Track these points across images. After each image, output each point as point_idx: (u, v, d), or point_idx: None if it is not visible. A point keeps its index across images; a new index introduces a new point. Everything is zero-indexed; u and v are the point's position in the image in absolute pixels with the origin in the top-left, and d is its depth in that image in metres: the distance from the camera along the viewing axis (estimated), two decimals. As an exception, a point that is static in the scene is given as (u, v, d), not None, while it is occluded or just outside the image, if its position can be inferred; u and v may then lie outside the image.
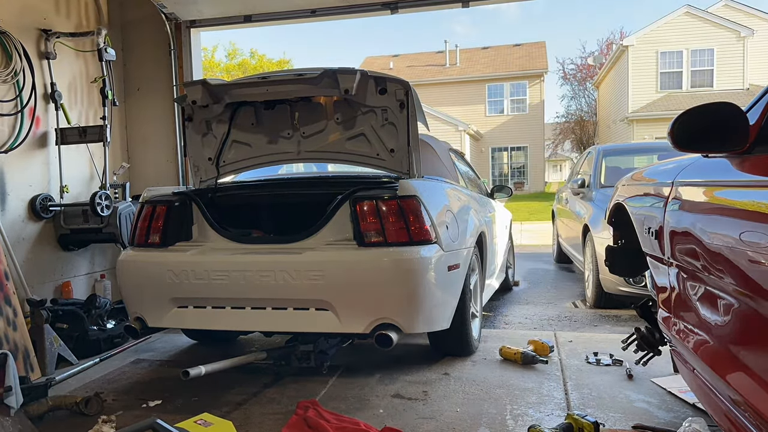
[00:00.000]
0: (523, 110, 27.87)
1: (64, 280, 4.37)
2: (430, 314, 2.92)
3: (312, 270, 2.84)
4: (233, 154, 3.61)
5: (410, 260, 2.79)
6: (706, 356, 1.74)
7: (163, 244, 3.18)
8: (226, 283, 2.94)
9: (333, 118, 3.38)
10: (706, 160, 1.92)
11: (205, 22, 5.19)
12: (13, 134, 3.98)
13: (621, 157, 6.94)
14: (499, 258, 5.00)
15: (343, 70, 3.00)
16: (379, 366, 3.29)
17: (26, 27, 4.13)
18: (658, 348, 2.66)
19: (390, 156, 3.27)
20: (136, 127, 5.17)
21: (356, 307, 2.82)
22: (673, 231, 1.98)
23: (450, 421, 2.51)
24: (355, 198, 2.93)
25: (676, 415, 2.50)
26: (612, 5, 58.42)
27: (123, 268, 3.19)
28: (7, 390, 2.35)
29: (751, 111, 1.70)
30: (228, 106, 3.40)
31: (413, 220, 2.86)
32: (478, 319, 3.76)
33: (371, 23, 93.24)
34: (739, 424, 1.48)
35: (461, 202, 3.59)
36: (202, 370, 2.64)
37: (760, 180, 1.49)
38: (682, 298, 1.99)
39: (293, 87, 3.12)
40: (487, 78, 27.98)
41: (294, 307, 2.91)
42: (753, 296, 1.40)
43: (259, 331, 3.49)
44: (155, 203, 3.23)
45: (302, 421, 2.46)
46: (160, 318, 3.10)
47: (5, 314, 3.15)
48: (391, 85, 3.09)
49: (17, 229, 3.99)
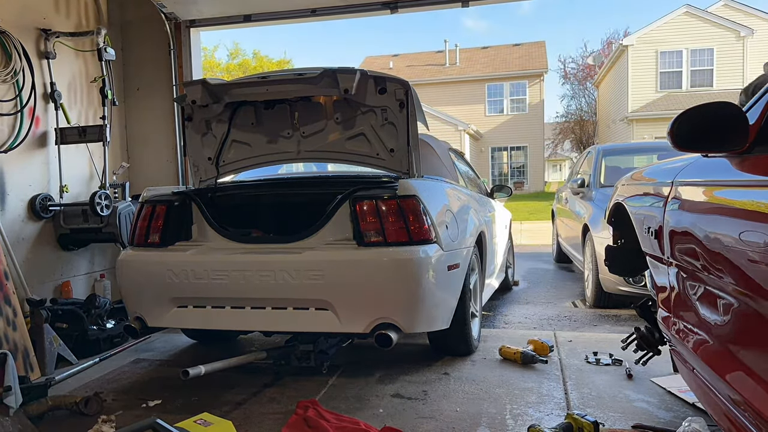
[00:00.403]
0: (523, 110, 27.88)
1: (64, 279, 4.36)
2: (430, 314, 2.92)
3: (312, 270, 2.84)
4: (233, 154, 3.61)
5: (410, 260, 2.79)
6: (705, 356, 1.74)
7: (162, 243, 3.18)
8: (226, 282, 2.94)
9: (333, 118, 3.38)
10: (705, 159, 1.92)
11: (205, 21, 5.18)
12: (13, 134, 3.98)
13: (621, 157, 6.95)
14: (498, 258, 5.00)
15: (343, 69, 3.00)
16: (379, 366, 3.29)
17: (26, 26, 4.12)
18: (657, 348, 2.66)
19: (390, 156, 3.27)
20: (135, 126, 5.17)
21: (356, 307, 2.82)
22: (672, 231, 1.98)
23: (450, 421, 2.51)
24: (355, 198, 2.93)
25: (676, 415, 2.50)
26: (612, 5, 58.50)
27: (123, 268, 3.19)
28: (6, 390, 2.36)
29: (750, 111, 1.70)
30: (228, 106, 3.40)
31: (413, 219, 2.86)
32: (478, 319, 3.76)
33: (371, 23, 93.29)
34: (739, 424, 1.48)
35: (461, 202, 3.59)
36: (202, 370, 2.64)
37: (760, 180, 1.49)
38: (682, 297, 1.99)
39: (293, 87, 3.12)
40: (487, 78, 27.98)
41: (294, 307, 2.91)
42: (753, 296, 1.40)
43: (259, 331, 3.49)
44: (155, 203, 3.23)
45: (302, 420, 2.46)
46: (159, 318, 3.10)
47: (5, 314, 3.15)
48: (390, 84, 3.09)
49: (17, 228, 3.99)
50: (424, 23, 78.87)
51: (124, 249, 3.38)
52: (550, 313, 5.02)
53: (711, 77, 20.27)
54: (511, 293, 5.95)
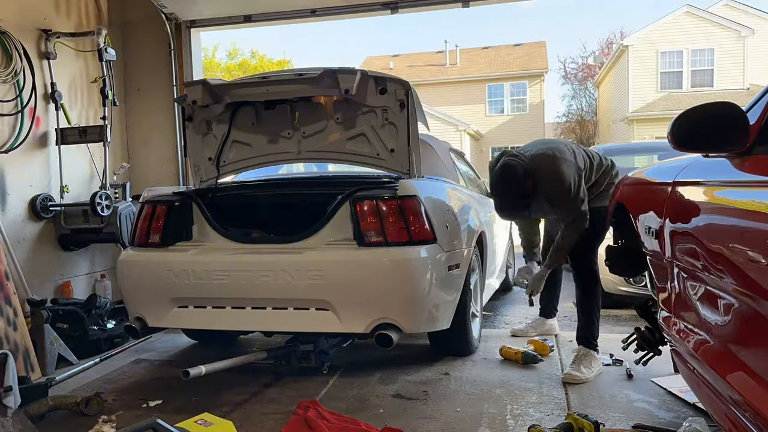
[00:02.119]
0: (524, 110, 27.84)
1: (65, 280, 4.37)
2: (431, 314, 2.92)
3: (312, 270, 2.84)
4: (233, 154, 3.61)
5: (410, 260, 2.79)
6: (706, 356, 1.74)
7: (163, 243, 3.18)
8: (227, 282, 2.94)
9: (333, 118, 3.38)
10: (706, 159, 1.91)
11: (205, 22, 5.19)
12: (14, 134, 3.98)
13: (621, 157, 6.92)
14: (499, 258, 5.00)
15: (343, 69, 3.00)
16: (379, 366, 3.29)
17: (26, 27, 4.13)
18: (658, 348, 2.66)
19: (390, 156, 3.27)
20: (136, 127, 5.17)
21: (356, 307, 2.82)
22: (673, 231, 1.98)
23: (450, 421, 2.51)
24: (355, 198, 2.93)
25: (677, 415, 2.50)
26: (613, 5, 58.46)
27: (123, 268, 3.19)
28: (7, 390, 2.35)
29: (751, 111, 1.70)
30: (228, 106, 3.40)
31: (413, 219, 2.86)
32: (479, 319, 3.76)
33: (372, 23, 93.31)
34: (740, 424, 1.48)
35: (461, 202, 3.59)
36: (203, 370, 2.64)
37: (761, 180, 1.49)
38: (683, 297, 1.98)
39: (293, 87, 3.12)
40: (487, 78, 27.95)
41: (294, 307, 2.91)
42: (753, 296, 1.40)
43: (260, 331, 3.50)
44: (155, 203, 3.23)
45: (303, 420, 2.45)
46: (160, 318, 3.10)
47: (6, 314, 3.15)
48: (391, 84, 3.09)
49: (17, 229, 3.99)
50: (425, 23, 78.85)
51: (124, 249, 3.38)
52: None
53: (711, 77, 20.23)
54: (511, 293, 5.94)
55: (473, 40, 51.19)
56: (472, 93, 28.03)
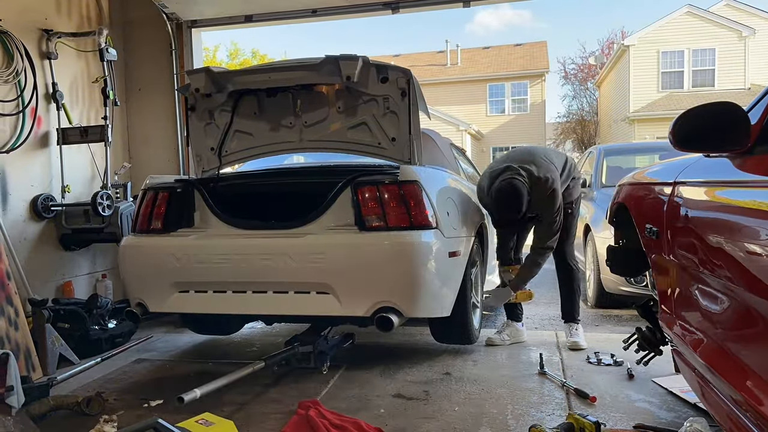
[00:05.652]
0: (525, 110, 27.83)
1: (66, 279, 4.37)
2: (431, 299, 2.93)
3: (313, 253, 2.85)
4: (236, 144, 3.61)
5: (411, 243, 2.80)
6: (707, 356, 1.74)
7: (165, 230, 3.19)
8: (228, 266, 2.95)
9: (335, 107, 3.38)
10: (707, 159, 1.91)
11: (207, 21, 5.19)
12: (15, 134, 3.99)
13: (622, 157, 6.93)
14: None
15: (345, 56, 3.01)
16: (380, 366, 3.29)
17: (28, 27, 4.13)
18: (659, 348, 2.66)
19: (391, 145, 3.28)
20: (137, 127, 5.17)
21: (357, 291, 2.83)
22: (674, 231, 1.98)
23: (451, 421, 2.51)
24: (357, 183, 2.94)
25: (678, 415, 2.49)
26: (613, 4, 58.38)
27: (125, 254, 3.20)
28: (8, 390, 2.36)
29: (752, 111, 1.70)
30: (231, 96, 3.40)
31: (414, 204, 2.86)
32: (479, 310, 3.77)
33: (372, 23, 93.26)
34: (741, 425, 1.48)
35: (463, 193, 3.60)
36: (198, 394, 2.51)
37: (762, 179, 1.49)
38: (684, 297, 1.98)
39: (295, 74, 3.14)
40: (488, 78, 27.94)
41: (295, 291, 2.92)
42: (754, 296, 1.40)
43: (260, 318, 3.50)
44: (157, 189, 3.25)
45: (304, 420, 2.46)
46: (161, 303, 3.11)
47: (7, 314, 3.15)
48: (392, 73, 3.10)
49: (19, 228, 4.00)
50: (427, 23, 78.89)
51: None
52: (551, 313, 5.02)
53: (713, 77, 20.20)
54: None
55: (473, 40, 51.18)
56: (473, 93, 28.03)
